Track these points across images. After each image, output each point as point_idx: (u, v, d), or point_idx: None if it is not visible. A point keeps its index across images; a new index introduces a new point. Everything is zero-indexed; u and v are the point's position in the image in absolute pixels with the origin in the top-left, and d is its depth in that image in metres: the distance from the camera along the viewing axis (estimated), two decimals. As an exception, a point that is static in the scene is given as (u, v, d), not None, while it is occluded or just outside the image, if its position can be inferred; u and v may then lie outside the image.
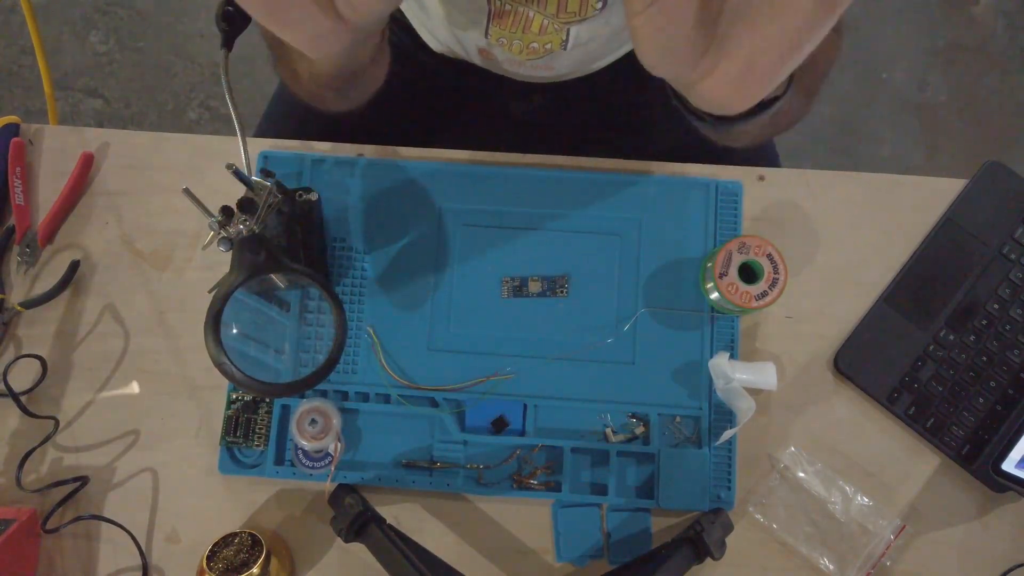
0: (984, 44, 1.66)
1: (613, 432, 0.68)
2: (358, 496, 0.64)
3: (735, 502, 0.67)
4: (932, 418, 0.69)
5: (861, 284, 0.72)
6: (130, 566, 0.67)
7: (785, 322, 0.71)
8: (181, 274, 0.73)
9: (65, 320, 0.72)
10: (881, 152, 1.61)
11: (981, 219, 0.73)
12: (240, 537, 0.63)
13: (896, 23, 1.66)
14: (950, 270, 0.72)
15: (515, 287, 0.69)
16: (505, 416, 0.69)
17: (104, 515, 0.67)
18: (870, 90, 1.64)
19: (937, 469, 0.69)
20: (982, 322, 0.71)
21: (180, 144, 0.76)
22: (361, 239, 0.72)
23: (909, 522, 0.67)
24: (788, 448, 0.69)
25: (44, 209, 0.74)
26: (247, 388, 0.57)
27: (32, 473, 0.69)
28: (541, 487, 0.67)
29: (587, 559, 0.67)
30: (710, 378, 0.68)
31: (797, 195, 0.74)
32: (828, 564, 0.66)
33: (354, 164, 0.73)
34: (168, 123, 1.61)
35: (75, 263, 0.72)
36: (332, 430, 0.64)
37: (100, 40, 1.64)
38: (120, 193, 0.75)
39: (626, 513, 0.67)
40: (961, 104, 1.63)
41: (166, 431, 0.70)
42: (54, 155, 0.76)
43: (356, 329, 0.70)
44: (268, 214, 0.60)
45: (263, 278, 0.61)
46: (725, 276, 0.66)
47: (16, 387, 0.67)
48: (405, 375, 0.69)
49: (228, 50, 0.60)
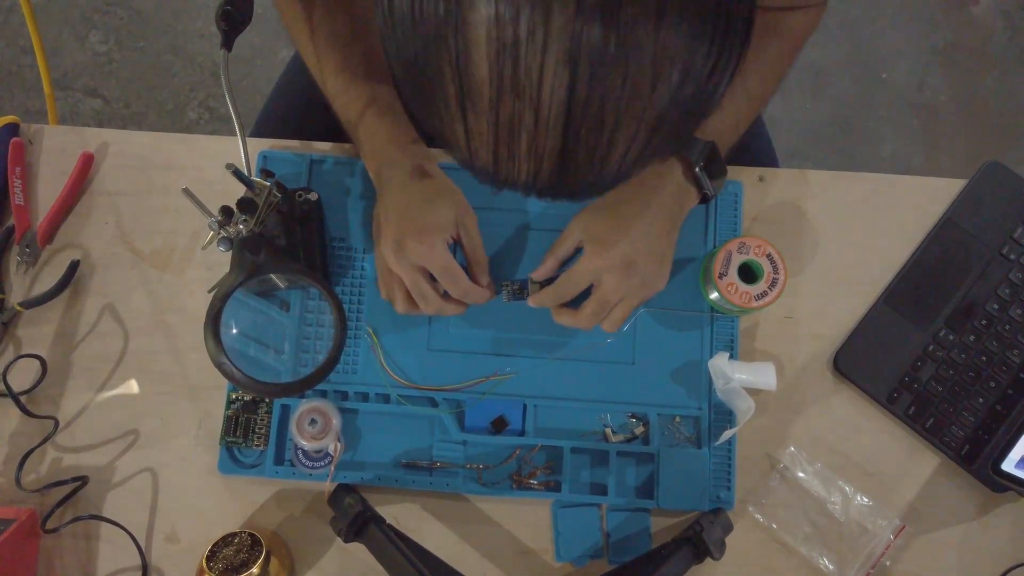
0: (984, 44, 1.66)
1: (613, 432, 0.68)
2: (358, 496, 0.64)
3: (735, 502, 0.67)
4: (932, 418, 0.69)
5: (861, 284, 0.72)
6: (130, 566, 0.67)
7: (785, 322, 0.71)
8: (181, 274, 0.73)
9: (65, 320, 0.72)
10: (881, 152, 1.61)
11: (981, 219, 0.73)
12: (240, 537, 0.63)
13: (896, 23, 1.66)
14: (950, 270, 0.72)
15: (515, 291, 0.69)
16: (505, 416, 0.69)
17: (104, 515, 0.67)
18: (870, 90, 1.64)
19: (937, 469, 0.69)
20: (982, 322, 0.71)
21: (180, 144, 0.76)
22: (361, 239, 0.72)
23: (909, 522, 0.67)
24: (788, 448, 0.69)
25: (44, 209, 0.74)
26: (247, 388, 0.57)
27: (32, 473, 0.69)
28: (541, 487, 0.67)
29: (587, 559, 0.67)
30: (710, 378, 0.68)
31: (797, 195, 0.74)
32: (828, 564, 0.66)
33: (354, 164, 0.73)
34: (168, 123, 1.61)
35: (75, 263, 0.72)
36: (332, 430, 0.64)
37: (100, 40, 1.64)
38: (120, 193, 0.75)
39: (626, 513, 0.67)
40: (961, 104, 1.63)
41: (166, 431, 0.70)
42: (54, 155, 0.76)
43: (356, 329, 0.70)
44: (268, 214, 0.60)
45: (263, 278, 0.61)
46: (725, 276, 0.66)
47: (16, 387, 0.67)
48: (405, 375, 0.69)
49: (228, 50, 0.60)
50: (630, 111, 0.31)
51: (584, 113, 0.31)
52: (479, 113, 0.32)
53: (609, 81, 0.30)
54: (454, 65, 0.31)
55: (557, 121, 0.31)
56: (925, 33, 1.66)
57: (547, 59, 0.29)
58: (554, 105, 0.31)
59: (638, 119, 0.32)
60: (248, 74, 1.62)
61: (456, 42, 0.30)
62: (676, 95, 0.32)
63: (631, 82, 0.30)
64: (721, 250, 0.67)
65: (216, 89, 1.63)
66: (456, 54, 0.31)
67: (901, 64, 1.65)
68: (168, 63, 1.64)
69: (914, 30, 1.66)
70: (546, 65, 0.29)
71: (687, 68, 0.31)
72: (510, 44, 0.29)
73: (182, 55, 1.64)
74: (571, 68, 0.29)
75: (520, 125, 0.32)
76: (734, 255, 0.66)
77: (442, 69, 0.32)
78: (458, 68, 0.31)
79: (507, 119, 0.32)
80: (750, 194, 0.73)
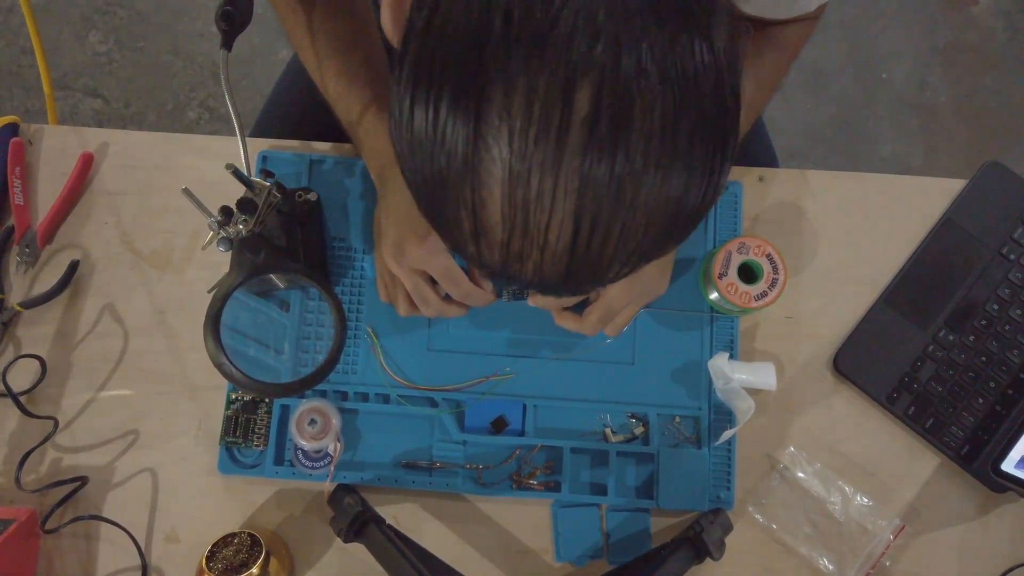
0: (984, 44, 1.66)
1: (612, 432, 0.68)
2: (357, 496, 0.64)
3: (735, 502, 0.67)
4: (931, 418, 0.69)
5: (861, 284, 0.72)
6: (129, 566, 0.67)
7: (785, 322, 0.71)
8: (181, 274, 0.73)
9: (64, 320, 0.72)
10: (881, 152, 1.61)
11: (980, 219, 0.73)
12: (239, 537, 0.63)
13: (896, 23, 1.66)
14: (949, 270, 0.72)
15: (515, 291, 0.69)
16: (505, 416, 0.69)
17: (103, 515, 0.67)
18: (870, 90, 1.64)
19: (936, 469, 0.69)
20: (981, 322, 0.71)
21: (180, 144, 0.76)
22: (361, 239, 0.72)
23: (908, 522, 0.67)
24: (787, 448, 0.69)
25: (44, 209, 0.74)
26: (247, 388, 0.57)
27: (31, 473, 0.69)
28: (540, 487, 0.67)
29: (586, 559, 0.67)
30: (709, 378, 0.68)
31: (797, 195, 0.74)
32: (827, 564, 0.66)
33: (354, 164, 0.73)
34: (168, 123, 1.61)
35: (74, 263, 0.72)
36: (331, 430, 0.64)
37: (100, 40, 1.64)
38: (120, 193, 0.75)
39: (626, 513, 0.67)
40: (961, 104, 1.63)
41: (166, 431, 0.70)
42: (54, 155, 0.76)
43: (356, 329, 0.70)
44: (268, 214, 0.60)
45: (263, 278, 0.61)
46: (725, 276, 0.66)
47: (15, 387, 0.67)
48: (405, 375, 0.69)
49: (228, 50, 0.60)
50: (629, 245, 0.35)
51: (587, 251, 0.34)
52: (491, 242, 0.35)
53: (610, 229, 0.33)
54: (469, 208, 0.34)
55: (562, 256, 0.34)
56: (925, 33, 1.66)
57: (554, 215, 0.33)
58: (560, 246, 0.34)
59: (637, 248, 0.35)
60: (248, 74, 1.62)
61: (471, 191, 0.33)
62: (672, 231, 0.36)
63: (630, 227, 0.34)
64: (721, 250, 0.67)
65: (216, 89, 1.63)
66: (472, 200, 0.34)
67: (901, 64, 1.65)
68: (168, 63, 1.64)
69: (914, 30, 1.66)
70: (553, 219, 0.33)
71: (683, 208, 0.34)
72: (521, 202, 0.32)
73: (182, 55, 1.64)
74: (575, 221, 0.33)
75: (528, 256, 0.35)
76: (734, 255, 0.66)
77: (457, 206, 0.35)
78: (473, 210, 0.34)
79: (516, 251, 0.35)
80: (750, 194, 0.73)
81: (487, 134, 0.32)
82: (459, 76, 0.32)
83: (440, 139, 0.33)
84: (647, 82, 0.31)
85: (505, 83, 0.31)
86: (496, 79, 0.31)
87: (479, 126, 0.32)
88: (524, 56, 0.30)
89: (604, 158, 0.31)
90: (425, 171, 0.35)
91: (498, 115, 0.31)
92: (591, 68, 0.30)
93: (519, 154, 0.31)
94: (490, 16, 0.31)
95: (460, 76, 0.32)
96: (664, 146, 0.32)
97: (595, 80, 0.30)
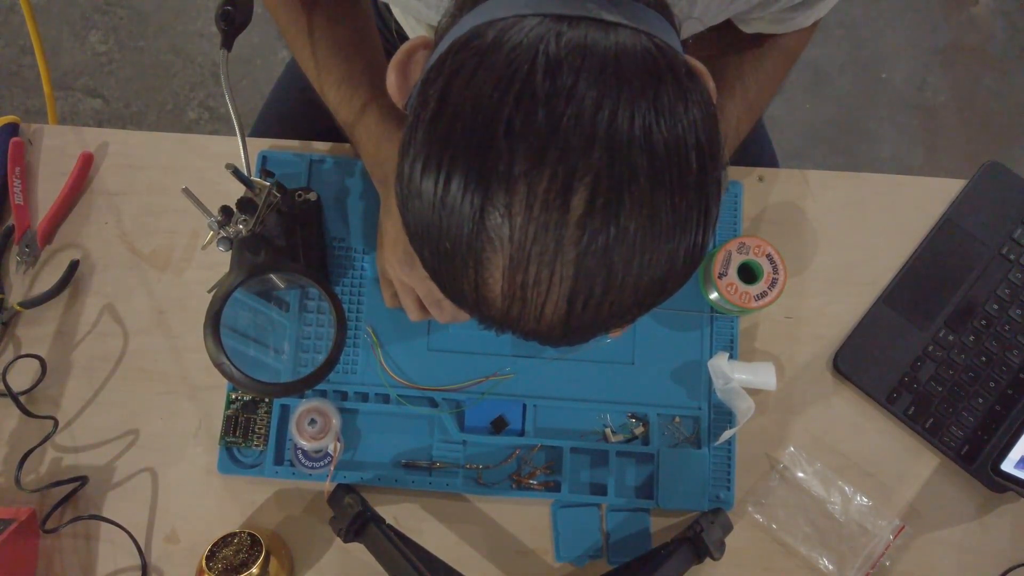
0: (984, 44, 1.66)
1: (612, 432, 0.68)
2: (357, 496, 0.64)
3: (734, 502, 0.67)
4: (931, 418, 0.69)
5: (860, 284, 0.72)
6: (129, 566, 0.67)
7: (784, 322, 0.71)
8: (181, 274, 0.73)
9: (64, 320, 0.72)
10: (881, 152, 1.61)
11: (980, 219, 0.73)
12: (239, 537, 0.63)
13: (896, 23, 1.66)
14: (949, 270, 0.72)
15: None
16: (504, 416, 0.69)
17: (103, 515, 0.67)
18: (870, 90, 1.63)
19: (936, 469, 0.69)
20: (981, 322, 0.71)
21: (180, 144, 0.76)
22: (361, 239, 0.72)
23: (908, 522, 0.67)
24: (787, 448, 0.69)
25: (43, 209, 0.74)
26: (246, 388, 0.57)
27: (31, 473, 0.69)
28: (540, 487, 0.67)
29: (586, 559, 0.67)
30: (709, 378, 0.68)
31: (797, 195, 0.74)
32: (827, 564, 0.66)
33: (354, 164, 0.73)
34: (168, 123, 1.61)
35: (74, 263, 0.72)
36: (331, 430, 0.64)
37: (100, 40, 1.64)
38: (119, 193, 0.75)
39: (625, 513, 0.67)
40: (961, 104, 1.63)
41: (165, 431, 0.70)
42: (54, 155, 0.76)
43: (356, 329, 0.70)
44: (267, 214, 0.60)
45: (263, 278, 0.61)
46: (724, 276, 0.66)
47: (15, 387, 0.67)
48: (405, 375, 0.69)
49: (228, 50, 0.60)
50: (622, 311, 0.38)
51: (581, 320, 0.37)
52: (490, 307, 0.38)
53: (603, 303, 0.36)
54: (472, 282, 0.37)
55: (558, 324, 0.37)
56: (925, 33, 1.66)
57: (550, 296, 0.36)
58: (556, 318, 0.37)
59: (629, 312, 0.38)
60: (248, 74, 1.62)
61: (474, 269, 0.36)
62: (662, 293, 0.38)
63: (622, 299, 0.37)
64: (721, 250, 0.67)
65: (216, 89, 1.63)
66: (474, 275, 0.37)
67: (901, 64, 1.65)
68: (168, 63, 1.64)
69: (914, 30, 1.66)
70: (548, 299, 0.36)
71: (672, 274, 0.37)
72: (520, 284, 0.36)
73: (182, 55, 1.64)
74: (569, 301, 0.36)
75: (526, 322, 0.38)
76: (734, 255, 0.66)
77: (460, 279, 0.38)
78: (475, 285, 0.37)
79: (515, 318, 0.38)
80: (750, 194, 0.73)
81: (490, 228, 0.35)
82: (465, 169, 0.34)
83: (445, 223, 0.36)
84: (637, 186, 0.34)
85: (508, 183, 0.34)
86: (500, 178, 0.34)
87: (483, 219, 0.34)
88: (525, 157, 0.33)
89: (597, 251, 0.34)
90: (430, 248, 0.38)
91: (500, 214, 0.34)
92: (587, 173, 0.33)
93: (519, 246, 0.34)
94: (497, 113, 0.34)
95: (466, 169, 0.34)
96: (653, 231, 0.35)
97: (590, 184, 0.33)
